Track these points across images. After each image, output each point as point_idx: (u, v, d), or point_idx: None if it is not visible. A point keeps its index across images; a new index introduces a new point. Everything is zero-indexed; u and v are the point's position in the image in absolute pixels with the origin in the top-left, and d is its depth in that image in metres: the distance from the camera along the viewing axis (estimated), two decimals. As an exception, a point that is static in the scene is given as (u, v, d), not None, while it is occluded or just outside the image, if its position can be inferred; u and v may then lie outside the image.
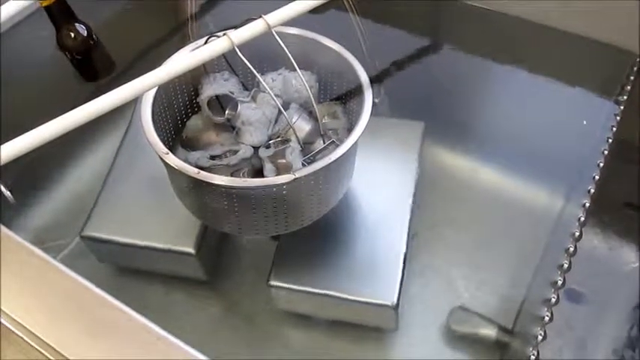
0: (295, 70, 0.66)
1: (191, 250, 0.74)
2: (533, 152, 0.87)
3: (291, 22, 0.70)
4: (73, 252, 0.80)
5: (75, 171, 0.90)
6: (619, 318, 0.76)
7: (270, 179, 0.63)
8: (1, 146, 0.53)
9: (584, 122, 0.83)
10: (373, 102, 0.68)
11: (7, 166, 0.54)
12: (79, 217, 0.77)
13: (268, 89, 0.64)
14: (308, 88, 0.66)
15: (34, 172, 0.87)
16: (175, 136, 0.75)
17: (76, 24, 0.76)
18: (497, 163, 0.88)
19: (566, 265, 0.63)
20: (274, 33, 0.63)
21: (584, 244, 0.80)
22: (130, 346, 0.48)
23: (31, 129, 0.54)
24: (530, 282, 0.77)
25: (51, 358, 0.45)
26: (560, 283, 0.62)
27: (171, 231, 0.75)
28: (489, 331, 0.75)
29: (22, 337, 0.48)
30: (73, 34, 0.76)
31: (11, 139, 0.53)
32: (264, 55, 0.73)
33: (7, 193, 0.58)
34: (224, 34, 0.62)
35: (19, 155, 0.54)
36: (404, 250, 0.74)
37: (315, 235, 0.75)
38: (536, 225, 0.82)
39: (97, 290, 0.50)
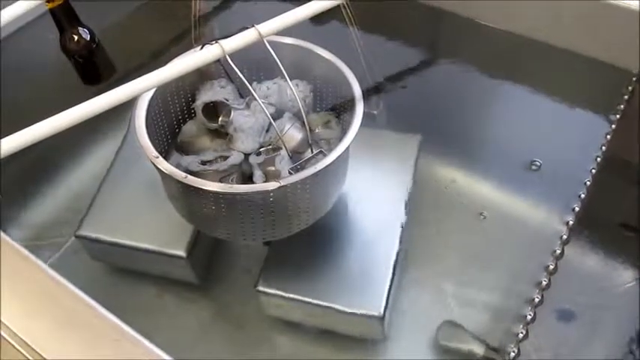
0: (290, 79, 0.67)
1: (182, 254, 0.75)
2: (530, 169, 0.86)
3: (289, 32, 0.71)
4: (68, 250, 0.81)
5: (75, 171, 0.92)
6: (612, 337, 0.75)
7: (256, 186, 0.64)
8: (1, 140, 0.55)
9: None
10: (372, 114, 0.68)
11: (8, 164, 0.55)
12: (78, 216, 0.79)
13: (257, 97, 0.64)
14: (298, 97, 0.67)
15: (36, 171, 0.90)
16: (172, 140, 0.77)
17: (80, 27, 0.78)
18: (492, 179, 0.88)
19: (544, 283, 0.63)
20: (266, 42, 0.64)
21: (579, 263, 0.79)
22: (99, 344, 0.49)
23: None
24: (521, 300, 0.76)
25: (23, 351, 0.47)
26: (537, 300, 0.61)
27: (163, 233, 0.76)
28: (477, 348, 0.74)
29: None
30: (75, 38, 0.78)
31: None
32: (262, 63, 0.74)
33: None
34: (216, 42, 0.63)
35: (18, 149, 0.55)
36: (393, 261, 0.74)
37: (306, 243, 0.75)
38: (532, 242, 0.81)
39: (71, 287, 0.51)
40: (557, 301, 0.76)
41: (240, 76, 0.62)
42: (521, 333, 0.61)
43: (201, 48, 0.68)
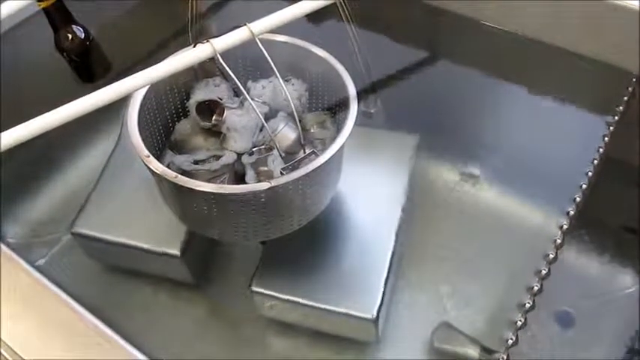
0: (285, 78, 0.66)
1: (176, 253, 0.75)
2: (528, 170, 0.85)
3: (285, 30, 0.71)
4: (63, 248, 0.81)
5: (71, 168, 0.92)
6: (611, 342, 0.74)
7: (245, 186, 0.63)
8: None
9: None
10: (369, 113, 0.67)
11: (4, 161, 0.55)
12: (73, 213, 0.78)
13: (247, 96, 0.64)
14: (290, 97, 0.66)
15: (31, 168, 0.90)
16: (167, 139, 0.76)
17: (74, 26, 0.78)
18: (490, 180, 0.86)
19: (536, 288, 0.62)
20: (258, 41, 0.64)
21: (579, 266, 0.78)
22: (81, 347, 0.48)
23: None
24: (517, 303, 0.75)
25: (4, 352, 0.46)
26: (528, 306, 0.60)
27: (158, 232, 0.76)
28: (471, 351, 0.73)
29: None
30: (70, 36, 0.78)
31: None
32: (258, 61, 0.73)
33: None
34: (207, 41, 0.62)
35: (14, 145, 0.55)
36: (388, 262, 0.73)
37: (301, 244, 0.74)
38: (530, 245, 0.80)
39: (54, 288, 0.51)
40: (556, 304, 0.76)
41: (232, 75, 0.61)
42: (511, 339, 0.60)
43: (194, 47, 0.67)
